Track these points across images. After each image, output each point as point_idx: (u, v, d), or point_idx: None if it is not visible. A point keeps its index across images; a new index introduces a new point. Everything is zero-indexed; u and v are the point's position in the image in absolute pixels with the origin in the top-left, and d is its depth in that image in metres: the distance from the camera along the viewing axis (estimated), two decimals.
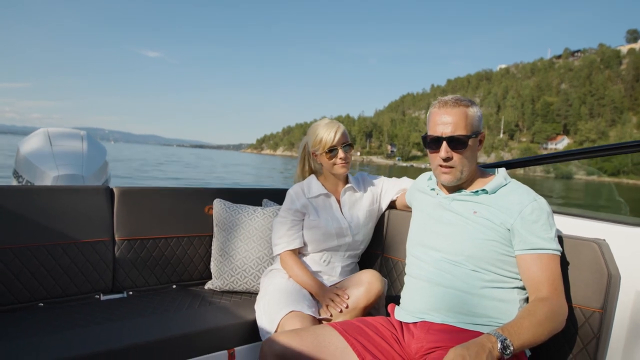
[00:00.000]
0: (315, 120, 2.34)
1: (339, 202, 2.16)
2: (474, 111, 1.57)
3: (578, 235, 1.61)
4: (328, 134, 2.02)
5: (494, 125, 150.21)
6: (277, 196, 2.61)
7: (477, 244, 1.51)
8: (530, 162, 2.13)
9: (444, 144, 1.54)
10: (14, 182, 4.09)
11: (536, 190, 1.53)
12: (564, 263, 1.54)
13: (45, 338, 1.67)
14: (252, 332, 1.94)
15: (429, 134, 1.60)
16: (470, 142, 1.55)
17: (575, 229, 1.69)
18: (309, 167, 2.22)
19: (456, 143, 1.54)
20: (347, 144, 2.06)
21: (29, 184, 3.78)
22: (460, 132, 1.53)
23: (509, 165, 1.85)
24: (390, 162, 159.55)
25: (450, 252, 1.56)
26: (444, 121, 1.55)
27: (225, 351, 1.88)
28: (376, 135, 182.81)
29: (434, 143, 1.58)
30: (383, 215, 2.28)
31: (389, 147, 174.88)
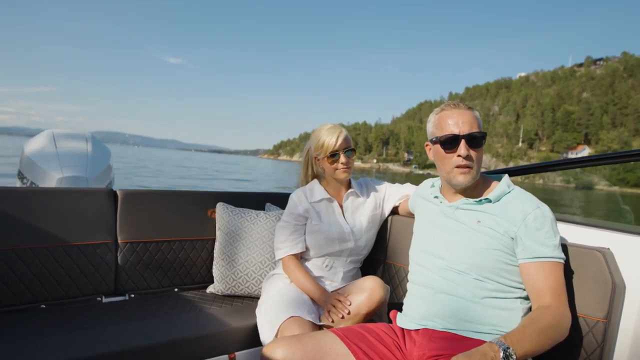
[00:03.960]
0: None
1: (341, 207, 2.14)
2: (478, 116, 1.60)
3: (582, 244, 1.58)
4: (330, 138, 2.01)
5: (512, 134, 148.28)
6: (280, 200, 2.61)
7: (480, 253, 1.50)
8: (531, 169, 2.09)
9: (463, 142, 1.53)
10: (18, 183, 4.11)
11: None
12: (568, 272, 1.51)
13: (47, 339, 1.68)
14: (253, 337, 1.94)
15: (441, 134, 1.58)
16: (484, 141, 1.57)
17: (579, 238, 1.66)
18: (312, 171, 2.21)
19: (474, 141, 1.54)
20: (349, 149, 2.04)
21: (33, 185, 3.81)
22: (476, 130, 1.55)
23: (512, 172, 1.83)
24: (406, 169, 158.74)
25: (453, 261, 1.55)
26: (460, 121, 1.55)
27: (226, 356, 1.87)
28: (393, 142, 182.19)
29: (449, 143, 1.56)
30: (386, 221, 2.26)
31: (405, 154, 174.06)
